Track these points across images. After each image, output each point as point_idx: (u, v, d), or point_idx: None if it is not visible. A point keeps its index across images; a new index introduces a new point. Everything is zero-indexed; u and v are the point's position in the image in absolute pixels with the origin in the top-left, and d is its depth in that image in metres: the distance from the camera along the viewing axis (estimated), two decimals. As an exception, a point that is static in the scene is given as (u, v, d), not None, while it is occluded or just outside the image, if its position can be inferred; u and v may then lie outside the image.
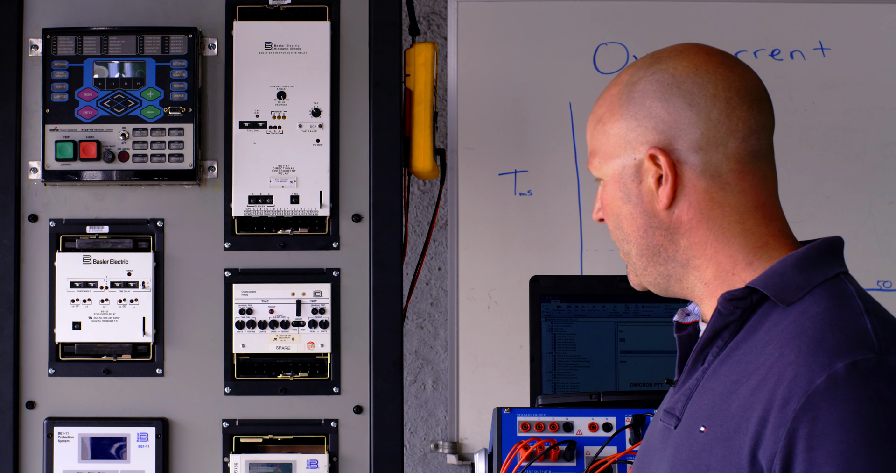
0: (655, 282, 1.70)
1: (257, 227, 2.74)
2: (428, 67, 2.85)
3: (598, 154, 1.69)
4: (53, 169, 2.70)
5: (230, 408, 2.72)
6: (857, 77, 3.44)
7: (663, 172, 1.64)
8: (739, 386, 1.56)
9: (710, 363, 1.65)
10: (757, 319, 1.62)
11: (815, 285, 1.60)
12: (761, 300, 1.62)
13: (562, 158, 3.42)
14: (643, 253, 1.68)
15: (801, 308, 1.58)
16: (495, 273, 3.39)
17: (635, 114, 1.65)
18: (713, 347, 1.65)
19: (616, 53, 3.44)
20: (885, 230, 3.42)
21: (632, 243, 1.68)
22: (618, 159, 1.67)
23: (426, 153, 2.81)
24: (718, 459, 1.55)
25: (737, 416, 1.54)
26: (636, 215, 1.67)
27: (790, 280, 1.60)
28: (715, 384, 1.61)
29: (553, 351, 2.97)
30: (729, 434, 1.54)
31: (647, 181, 1.65)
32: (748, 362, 1.58)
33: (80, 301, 2.71)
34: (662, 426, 1.70)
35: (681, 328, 1.77)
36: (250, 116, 2.74)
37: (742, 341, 1.62)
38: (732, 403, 1.56)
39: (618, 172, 1.67)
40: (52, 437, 2.70)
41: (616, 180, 1.67)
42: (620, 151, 1.66)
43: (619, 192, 1.67)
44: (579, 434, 2.62)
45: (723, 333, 1.64)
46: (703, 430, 1.58)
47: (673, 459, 1.62)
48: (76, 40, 2.72)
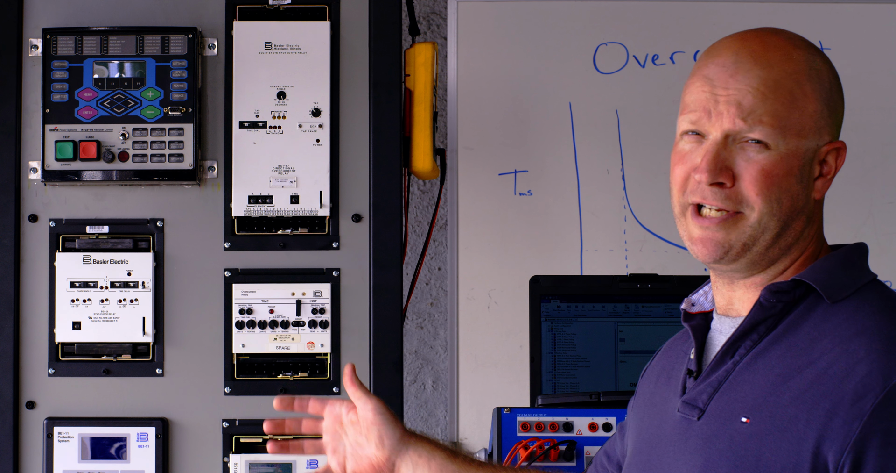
0: (753, 261, 1.70)
1: (257, 227, 2.74)
2: (428, 67, 2.85)
3: (786, 126, 1.67)
4: (53, 169, 2.70)
5: (230, 408, 2.72)
6: (857, 77, 3.44)
7: (833, 166, 1.70)
8: (789, 379, 1.59)
9: (741, 357, 1.67)
10: (799, 314, 1.66)
11: (861, 286, 1.66)
12: (804, 296, 1.67)
13: (562, 158, 3.42)
14: (779, 232, 1.69)
15: (852, 306, 1.63)
16: (495, 273, 3.39)
17: (827, 102, 1.70)
18: (747, 340, 1.68)
19: (616, 53, 3.44)
20: (885, 230, 3.42)
21: (779, 220, 1.68)
22: (806, 140, 1.68)
23: (426, 153, 2.81)
24: (772, 450, 1.57)
25: (791, 407, 1.57)
26: (800, 197, 1.69)
27: (837, 278, 1.66)
28: (753, 376, 1.64)
29: (553, 351, 2.97)
30: (783, 426, 1.57)
31: (814, 169, 1.70)
32: (796, 356, 1.61)
33: (80, 301, 2.71)
34: (680, 417, 1.70)
35: (688, 318, 1.79)
36: (250, 116, 2.74)
37: (782, 335, 1.65)
38: (783, 395, 1.59)
39: (801, 150, 1.68)
40: (52, 437, 2.70)
41: (796, 157, 1.68)
42: (810, 133, 1.68)
43: (796, 170, 1.68)
44: (579, 434, 2.62)
45: (759, 326, 1.67)
46: (747, 421, 1.61)
47: (706, 450, 1.64)
48: (76, 40, 2.72)
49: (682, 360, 1.80)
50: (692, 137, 1.70)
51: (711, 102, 1.68)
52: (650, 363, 1.93)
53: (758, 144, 1.66)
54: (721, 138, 1.67)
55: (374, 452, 1.92)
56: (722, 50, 1.71)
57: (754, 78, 1.67)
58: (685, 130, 1.71)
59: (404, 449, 1.91)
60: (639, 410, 1.89)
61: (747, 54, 1.68)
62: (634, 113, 3.42)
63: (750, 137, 1.66)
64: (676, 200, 1.72)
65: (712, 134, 1.68)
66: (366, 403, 1.91)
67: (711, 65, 1.70)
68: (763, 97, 1.66)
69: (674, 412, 1.73)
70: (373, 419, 1.91)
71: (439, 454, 1.91)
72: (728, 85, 1.67)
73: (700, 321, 1.79)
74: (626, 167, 3.42)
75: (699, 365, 1.74)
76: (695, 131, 1.70)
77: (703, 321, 1.79)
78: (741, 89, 1.67)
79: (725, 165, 1.67)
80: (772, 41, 1.70)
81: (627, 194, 3.41)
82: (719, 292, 1.77)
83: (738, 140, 1.67)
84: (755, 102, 1.66)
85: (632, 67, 3.44)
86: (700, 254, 1.70)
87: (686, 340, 1.84)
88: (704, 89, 1.69)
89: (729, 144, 1.67)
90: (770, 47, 1.69)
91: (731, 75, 1.67)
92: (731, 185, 1.67)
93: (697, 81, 1.71)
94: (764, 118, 1.66)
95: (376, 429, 1.91)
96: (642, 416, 1.86)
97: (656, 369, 1.89)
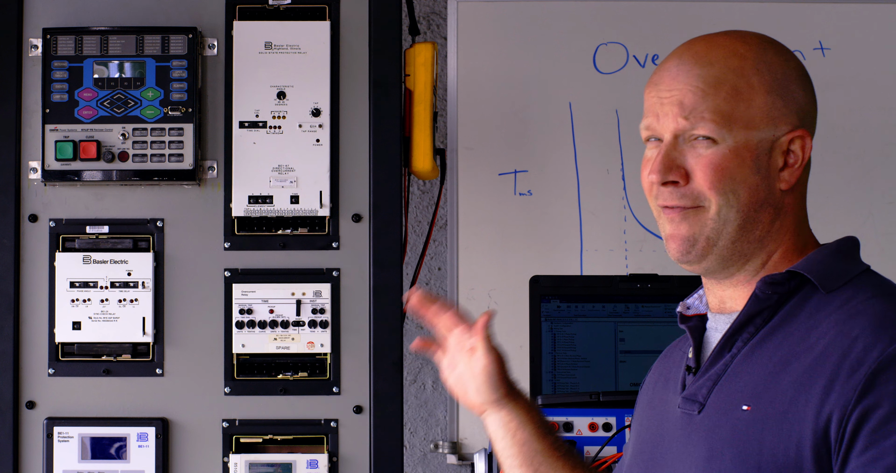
0: (723, 256, 1.72)
1: (257, 227, 2.74)
2: (428, 67, 2.85)
3: (732, 119, 1.70)
4: (53, 169, 2.70)
5: (230, 408, 2.72)
6: (857, 77, 3.44)
7: (800, 156, 1.72)
8: (787, 366, 1.62)
9: (739, 349, 1.70)
10: (795, 304, 1.68)
11: (854, 276, 1.69)
12: (799, 287, 1.69)
13: (562, 158, 3.42)
14: (743, 225, 1.71)
15: (846, 295, 1.65)
16: (495, 273, 3.39)
17: (781, 94, 1.71)
18: (744, 333, 1.70)
19: (616, 53, 3.44)
20: (885, 230, 3.42)
21: (739, 213, 1.70)
22: (757, 131, 1.70)
23: (426, 153, 2.81)
24: (773, 433, 1.59)
25: (790, 391, 1.59)
26: (760, 188, 1.70)
27: (831, 269, 1.69)
28: (751, 367, 1.66)
29: (553, 351, 2.97)
30: (784, 409, 1.59)
31: (777, 160, 1.71)
32: (794, 344, 1.63)
33: (80, 301, 2.71)
34: (681, 413, 1.72)
35: (685, 320, 1.81)
36: (250, 116, 2.74)
37: (778, 326, 1.67)
38: (782, 381, 1.61)
39: (753, 142, 1.70)
40: (52, 437, 2.70)
41: (749, 150, 1.70)
42: (762, 124, 1.70)
43: (750, 161, 1.70)
44: (579, 434, 2.62)
45: (755, 319, 1.70)
46: (748, 409, 1.63)
47: (709, 440, 1.65)
48: (76, 40, 2.72)
49: (680, 363, 1.81)
50: (653, 143, 1.75)
51: (658, 105, 1.73)
52: (647, 377, 1.95)
53: (706, 140, 1.69)
54: (671, 139, 1.71)
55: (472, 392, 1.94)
56: (670, 56, 1.76)
57: (694, 77, 1.71)
58: (645, 137, 1.76)
59: (498, 408, 1.94)
60: (638, 418, 1.90)
61: (690, 56, 1.73)
62: (634, 113, 3.40)
63: (695, 133, 1.70)
64: (651, 205, 1.76)
65: (664, 136, 1.72)
66: (481, 357, 1.92)
67: (659, 71, 1.76)
68: (703, 94, 1.70)
69: (674, 410, 1.74)
70: (478, 373, 1.92)
71: (530, 427, 1.93)
72: (671, 87, 1.72)
73: (696, 322, 1.80)
74: (626, 167, 3.42)
75: (697, 362, 1.76)
76: (653, 137, 1.74)
77: (700, 322, 1.80)
78: (682, 89, 1.71)
79: (676, 164, 1.70)
80: (718, 41, 1.74)
81: (627, 194, 3.41)
82: (711, 292, 1.79)
83: (688, 139, 1.71)
84: (695, 100, 1.70)
85: (632, 67, 3.45)
86: (671, 250, 1.73)
87: (682, 345, 1.85)
88: (652, 94, 1.75)
89: (679, 144, 1.71)
90: (713, 46, 1.73)
91: (673, 77, 1.72)
92: (686, 183, 1.70)
93: (648, 88, 1.76)
94: (706, 114, 1.69)
95: (478, 383, 1.93)
96: (642, 421, 1.87)
97: (654, 377, 1.91)
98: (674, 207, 1.71)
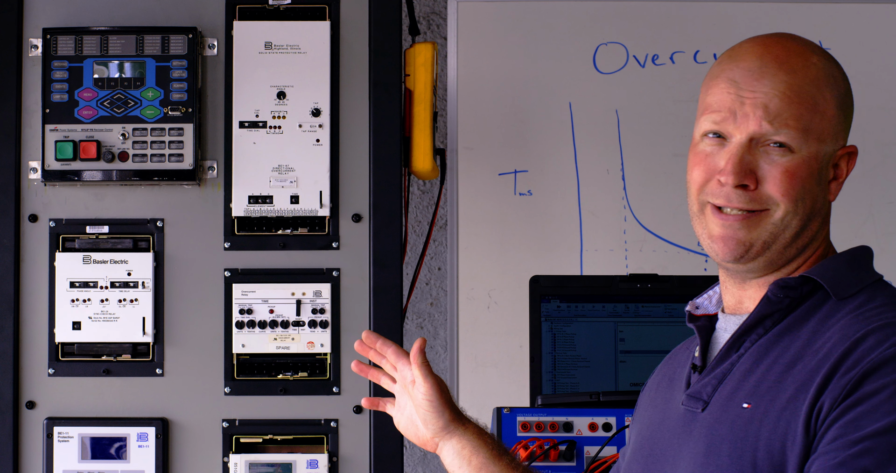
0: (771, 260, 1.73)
1: (257, 227, 2.74)
2: (428, 67, 2.85)
3: (809, 130, 1.70)
4: (53, 169, 2.70)
5: (230, 408, 2.72)
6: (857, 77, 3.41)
7: (845, 170, 1.75)
8: (791, 368, 1.63)
9: (746, 349, 1.70)
10: (805, 310, 1.69)
11: (867, 285, 1.70)
12: (811, 292, 1.70)
13: (562, 158, 3.42)
14: (798, 232, 1.72)
15: (857, 302, 1.67)
16: (495, 273, 3.39)
17: (843, 108, 1.74)
18: (753, 334, 1.71)
19: (616, 53, 3.44)
20: (885, 230, 3.42)
21: (800, 220, 1.71)
22: (825, 145, 1.72)
23: (426, 153, 2.81)
24: (770, 430, 1.60)
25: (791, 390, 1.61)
26: (819, 199, 1.73)
27: (844, 276, 1.70)
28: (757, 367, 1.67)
29: (553, 351, 2.97)
30: (783, 406, 1.60)
31: (829, 172, 1.74)
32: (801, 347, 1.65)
33: (80, 301, 2.71)
34: (684, 410, 1.73)
35: (693, 319, 1.82)
36: (250, 116, 2.74)
37: (787, 329, 1.68)
38: (785, 380, 1.62)
39: (820, 154, 1.72)
40: (52, 437, 2.70)
41: (816, 161, 1.71)
42: (828, 137, 1.72)
43: (816, 173, 1.72)
44: (579, 434, 2.62)
45: (765, 321, 1.71)
46: (748, 406, 1.64)
47: (709, 435, 1.66)
48: (76, 40, 2.72)
49: (685, 363, 1.82)
50: (713, 140, 1.72)
51: (737, 104, 1.70)
52: (650, 378, 1.95)
53: (781, 148, 1.69)
54: (745, 141, 1.70)
55: (421, 427, 1.96)
56: (745, 54, 1.74)
57: (780, 82, 1.70)
58: (707, 131, 1.73)
59: (448, 436, 1.94)
60: (639, 417, 1.90)
61: (772, 59, 1.71)
62: (634, 113, 3.42)
63: (774, 139, 1.69)
64: (694, 198, 1.75)
65: (736, 136, 1.70)
66: (421, 384, 1.93)
67: (736, 68, 1.72)
68: (789, 101, 1.69)
69: (678, 407, 1.75)
70: (420, 402, 1.93)
71: (484, 450, 1.93)
72: (755, 88, 1.70)
73: (705, 322, 1.80)
74: (626, 167, 3.42)
75: (704, 361, 1.76)
76: (716, 133, 1.72)
77: (708, 322, 1.80)
78: (767, 93, 1.69)
79: (750, 168, 1.70)
80: (793, 47, 1.74)
81: (627, 194, 3.41)
82: (728, 291, 1.78)
83: (762, 143, 1.70)
84: (781, 106, 1.69)
85: (632, 67, 3.44)
86: (720, 252, 1.72)
87: (689, 346, 1.85)
88: (730, 91, 1.71)
89: (752, 147, 1.70)
90: (792, 53, 1.73)
91: (756, 79, 1.70)
92: (755, 187, 1.70)
93: (721, 83, 1.73)
94: (790, 122, 1.69)
95: (422, 412, 1.94)
96: (642, 419, 1.87)
97: (657, 378, 1.91)
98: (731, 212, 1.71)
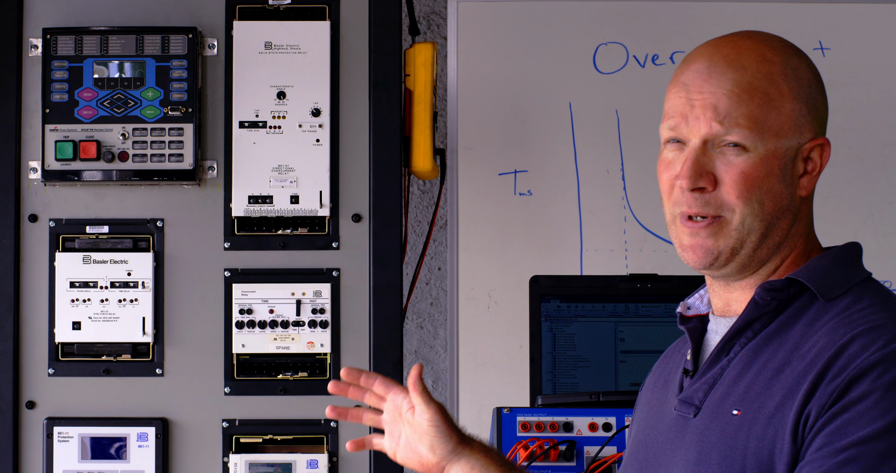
0: (743, 264, 1.71)
1: (257, 227, 2.74)
2: (428, 67, 2.85)
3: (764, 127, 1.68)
4: (53, 169, 2.70)
5: (230, 408, 2.72)
6: (857, 77, 3.44)
7: (818, 163, 1.72)
8: (779, 373, 1.62)
9: (736, 353, 1.69)
10: (793, 312, 1.68)
11: (854, 285, 1.68)
12: (798, 294, 1.68)
13: (562, 158, 3.42)
14: (765, 232, 1.70)
15: (845, 303, 1.65)
16: (495, 273, 3.38)
17: (806, 101, 1.71)
18: (742, 337, 1.70)
19: (616, 53, 3.44)
20: (885, 230, 3.42)
21: (762, 221, 1.69)
22: (785, 139, 1.70)
23: (426, 153, 2.81)
24: (759, 437, 1.59)
25: (779, 396, 1.59)
26: (784, 196, 1.70)
27: (831, 276, 1.68)
28: (747, 372, 1.66)
29: (553, 351, 2.97)
30: (771, 413, 1.59)
31: (798, 167, 1.71)
32: (789, 351, 1.63)
33: (80, 301, 2.71)
34: (676, 415, 1.72)
35: (684, 321, 1.80)
36: (250, 116, 2.74)
37: (775, 332, 1.67)
38: (773, 386, 1.61)
39: (781, 150, 1.69)
40: (52, 437, 2.70)
41: (776, 158, 1.69)
42: (789, 131, 1.70)
43: (777, 170, 1.69)
44: (579, 434, 2.62)
45: (754, 324, 1.69)
46: (737, 413, 1.63)
47: (700, 443, 1.66)
48: (76, 40, 2.72)
49: (679, 365, 1.81)
50: (674, 145, 1.72)
51: (688, 107, 1.69)
52: (647, 378, 1.94)
53: (736, 148, 1.67)
54: (700, 144, 1.68)
55: (426, 453, 1.88)
56: (696, 56, 1.73)
57: (728, 81, 1.68)
58: (667, 138, 1.73)
59: (456, 459, 1.87)
60: (637, 419, 1.91)
61: (721, 58, 1.70)
62: (634, 113, 3.42)
63: (727, 140, 1.67)
64: (667, 208, 1.74)
65: (692, 140, 1.69)
66: (424, 411, 1.86)
67: (687, 71, 1.72)
68: (738, 99, 1.68)
69: (671, 411, 1.75)
70: (426, 429, 1.86)
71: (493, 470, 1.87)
72: (703, 89, 1.69)
73: (696, 323, 1.80)
74: (626, 167, 3.42)
75: (695, 365, 1.75)
76: (676, 139, 1.71)
77: (700, 324, 1.80)
78: (715, 93, 1.68)
79: (705, 170, 1.68)
80: (745, 44, 1.72)
81: (627, 194, 3.41)
82: (716, 294, 1.78)
83: (717, 144, 1.68)
84: (730, 105, 1.67)
85: (632, 67, 3.44)
86: (690, 261, 1.72)
87: (682, 346, 1.85)
88: (680, 95, 1.71)
89: (708, 149, 1.68)
90: (743, 50, 1.71)
91: (704, 80, 1.69)
92: (713, 189, 1.68)
93: (674, 88, 1.72)
94: (740, 121, 1.67)
95: (428, 439, 1.87)
96: (639, 421, 1.87)
97: (653, 378, 1.91)
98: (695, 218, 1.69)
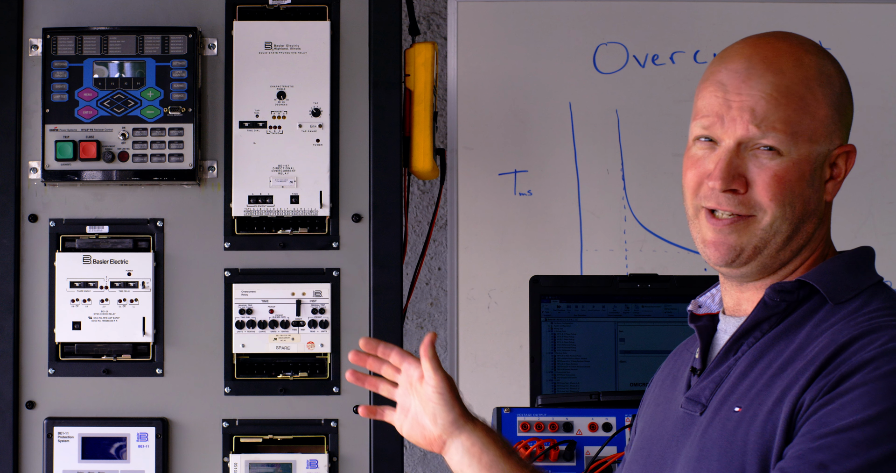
0: (765, 264, 1.72)
1: (257, 227, 2.74)
2: (428, 66, 2.85)
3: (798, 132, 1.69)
4: (53, 169, 2.70)
5: (230, 408, 2.72)
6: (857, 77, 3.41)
7: (843, 169, 1.72)
8: (782, 371, 1.63)
9: (743, 353, 1.70)
10: (802, 314, 1.68)
11: (865, 289, 1.69)
12: (808, 296, 1.69)
13: (562, 158, 3.42)
14: (790, 235, 1.70)
15: (853, 308, 1.66)
16: (495, 273, 3.39)
17: (837, 107, 1.71)
18: (750, 337, 1.71)
19: (616, 53, 3.44)
20: (885, 230, 3.42)
21: (790, 224, 1.70)
22: (817, 145, 1.70)
23: (426, 153, 2.81)
24: (758, 433, 1.60)
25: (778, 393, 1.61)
26: (811, 201, 1.70)
27: (841, 280, 1.69)
28: (750, 370, 1.67)
29: (553, 351, 2.97)
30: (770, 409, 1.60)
31: (825, 172, 1.71)
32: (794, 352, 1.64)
33: (80, 301, 2.71)
34: (683, 413, 1.73)
35: (695, 319, 1.81)
36: (250, 116, 2.74)
37: (783, 333, 1.68)
38: (774, 384, 1.62)
39: (812, 155, 1.69)
40: (51, 437, 2.70)
41: (808, 163, 1.69)
42: (821, 137, 1.70)
43: (808, 175, 1.70)
44: (579, 434, 2.62)
45: (762, 324, 1.70)
46: (738, 410, 1.64)
47: (702, 441, 1.66)
48: (76, 40, 2.72)
49: (687, 362, 1.82)
50: (704, 144, 1.71)
51: (724, 108, 1.69)
52: (655, 375, 1.95)
53: (770, 151, 1.68)
54: (734, 146, 1.68)
55: (429, 425, 1.88)
56: (734, 56, 1.72)
57: (767, 84, 1.68)
58: (698, 136, 1.72)
59: (457, 432, 1.86)
60: (643, 415, 1.91)
61: (760, 60, 1.69)
62: (634, 113, 3.42)
63: (762, 143, 1.68)
64: (689, 202, 1.74)
65: (725, 141, 1.69)
66: (430, 378, 1.85)
67: (724, 70, 1.71)
68: (776, 103, 1.68)
69: (677, 409, 1.75)
70: (430, 395, 1.86)
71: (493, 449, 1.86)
72: (741, 91, 1.68)
73: (706, 322, 1.80)
74: (626, 167, 3.42)
75: (704, 363, 1.76)
76: (707, 137, 1.71)
77: (710, 323, 1.80)
78: (754, 95, 1.68)
79: (738, 172, 1.68)
80: (783, 47, 1.71)
81: (627, 194, 3.41)
82: (728, 293, 1.78)
83: (751, 147, 1.68)
84: (768, 109, 1.67)
85: (632, 67, 3.44)
86: (712, 257, 1.72)
87: (691, 345, 1.85)
88: (717, 95, 1.70)
89: (741, 151, 1.68)
90: (782, 53, 1.70)
91: (743, 81, 1.69)
92: (745, 191, 1.68)
93: (710, 87, 1.71)
94: (777, 125, 1.67)
95: (431, 406, 1.86)
96: (646, 418, 1.87)
97: (662, 375, 1.91)
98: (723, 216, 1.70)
